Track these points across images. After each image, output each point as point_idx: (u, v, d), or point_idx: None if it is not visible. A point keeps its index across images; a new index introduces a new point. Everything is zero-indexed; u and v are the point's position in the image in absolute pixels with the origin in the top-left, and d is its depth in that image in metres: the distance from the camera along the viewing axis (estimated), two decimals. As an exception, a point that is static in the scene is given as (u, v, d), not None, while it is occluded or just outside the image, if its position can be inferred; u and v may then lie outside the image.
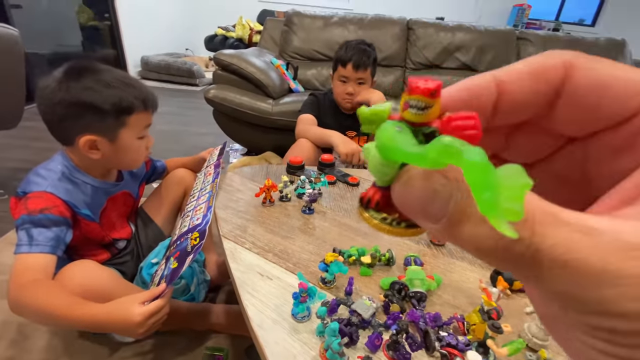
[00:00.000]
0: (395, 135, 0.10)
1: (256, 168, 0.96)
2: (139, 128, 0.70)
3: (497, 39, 2.20)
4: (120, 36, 3.62)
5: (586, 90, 0.10)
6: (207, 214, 0.63)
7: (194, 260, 0.89)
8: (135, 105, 0.67)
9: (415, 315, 0.46)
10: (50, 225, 0.60)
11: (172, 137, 2.25)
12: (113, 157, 0.69)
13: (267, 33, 2.22)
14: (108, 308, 0.54)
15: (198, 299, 0.87)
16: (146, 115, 0.70)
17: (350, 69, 1.19)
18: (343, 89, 1.24)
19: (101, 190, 0.74)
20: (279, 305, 0.49)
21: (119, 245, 0.82)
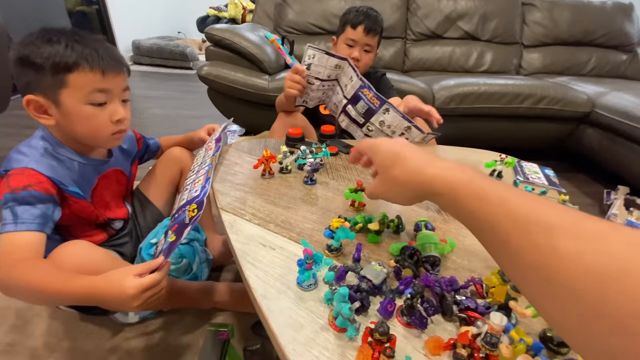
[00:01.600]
0: None
1: (254, 142, 0.92)
2: (85, 91, 0.59)
3: (501, 5, 2.10)
4: (110, 21, 3.50)
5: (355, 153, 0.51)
6: (205, 185, 0.59)
7: (195, 239, 0.87)
8: (75, 62, 0.56)
9: (430, 279, 0.43)
10: (35, 202, 0.56)
11: (167, 121, 2.20)
12: (67, 125, 0.61)
13: (261, 8, 2.13)
14: (101, 280, 0.50)
15: (201, 277, 0.84)
16: (95, 76, 0.59)
17: (361, 32, 1.12)
18: (349, 52, 1.16)
19: (89, 167, 0.69)
20: (283, 275, 0.46)
21: (116, 226, 0.79)
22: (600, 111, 1.62)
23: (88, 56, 0.57)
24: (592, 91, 1.74)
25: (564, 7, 2.14)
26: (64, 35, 0.58)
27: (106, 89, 0.61)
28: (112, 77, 0.61)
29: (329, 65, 0.94)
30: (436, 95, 1.65)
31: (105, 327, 0.79)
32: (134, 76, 3.37)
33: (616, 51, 2.22)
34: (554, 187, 0.77)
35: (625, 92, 1.64)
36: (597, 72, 2.19)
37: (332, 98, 1.04)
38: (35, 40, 0.57)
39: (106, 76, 0.60)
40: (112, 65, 0.60)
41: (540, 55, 2.15)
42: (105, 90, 0.61)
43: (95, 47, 0.59)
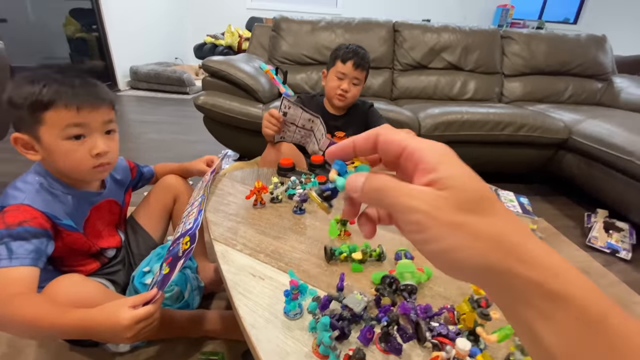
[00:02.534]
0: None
1: (247, 171, 0.96)
2: (60, 126, 0.61)
3: (482, 39, 2.24)
4: (109, 47, 3.61)
5: (383, 144, 0.22)
6: (197, 217, 0.63)
7: (187, 267, 0.89)
8: (50, 100, 0.59)
9: (407, 307, 0.46)
10: (29, 237, 0.59)
11: (163, 146, 2.25)
12: (49, 160, 0.64)
13: (256, 39, 2.24)
14: (96, 312, 0.53)
15: (192, 305, 0.86)
16: (69, 113, 0.60)
17: (350, 67, 1.22)
18: (338, 84, 1.25)
19: (83, 199, 0.72)
20: (271, 305, 0.50)
21: (108, 254, 0.81)
22: (577, 138, 1.72)
23: (63, 94, 0.60)
24: (569, 119, 1.84)
25: (540, 40, 2.30)
26: (47, 76, 0.61)
27: (81, 123, 0.62)
28: (88, 112, 0.62)
29: (303, 117, 1.03)
30: (422, 123, 1.74)
31: (95, 357, 0.80)
32: (131, 101, 3.44)
33: (592, 80, 2.37)
34: (527, 215, 0.82)
35: (601, 120, 1.74)
36: (575, 99, 2.32)
37: (309, 144, 1.12)
38: (20, 82, 0.60)
39: (81, 112, 0.62)
40: (88, 101, 0.62)
41: (521, 84, 2.28)
42: (81, 124, 0.62)
43: (73, 84, 0.61)
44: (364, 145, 0.23)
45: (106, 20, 3.50)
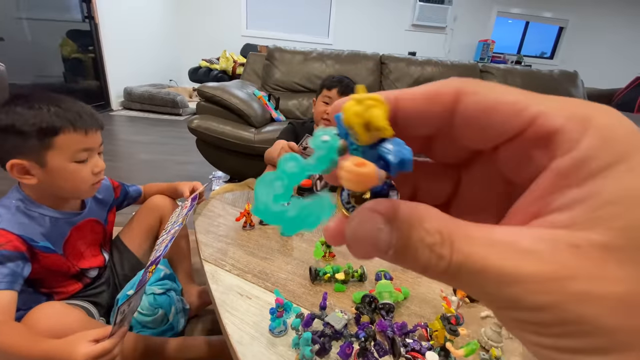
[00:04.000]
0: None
1: (237, 194, 1.00)
2: (70, 151, 0.65)
3: (463, 72, 2.39)
4: (104, 68, 3.68)
5: (475, 112, 0.11)
6: (168, 244, 0.63)
7: (172, 289, 0.88)
8: (60, 126, 0.63)
9: (384, 324, 0.50)
10: (4, 261, 0.60)
11: (154, 166, 2.27)
12: (50, 183, 0.66)
13: (250, 67, 2.34)
14: (58, 344, 0.53)
15: (177, 327, 0.86)
16: (78, 137, 0.65)
17: (335, 92, 1.33)
18: (324, 108, 1.34)
19: (62, 220, 0.72)
20: (257, 322, 0.52)
21: (90, 275, 0.80)
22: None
23: (72, 119, 0.64)
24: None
25: (516, 75, 2.47)
26: (42, 101, 0.64)
27: (88, 148, 0.68)
28: (92, 135, 0.68)
29: None
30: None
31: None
32: (123, 121, 3.47)
33: (564, 112, 2.53)
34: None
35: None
36: (550, 130, 2.47)
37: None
38: (16, 109, 0.61)
39: (88, 135, 0.67)
40: (92, 125, 0.67)
41: (499, 115, 2.42)
42: (88, 149, 0.68)
43: (76, 110, 0.66)
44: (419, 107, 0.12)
45: (103, 41, 3.59)
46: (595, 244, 0.09)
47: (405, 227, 0.10)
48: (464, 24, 5.24)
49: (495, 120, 0.11)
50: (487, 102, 0.11)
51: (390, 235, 0.11)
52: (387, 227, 0.11)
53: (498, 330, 0.50)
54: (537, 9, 5.44)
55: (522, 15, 5.56)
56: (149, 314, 0.80)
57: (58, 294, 0.74)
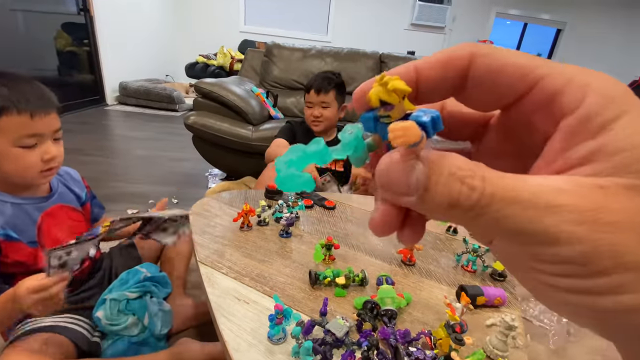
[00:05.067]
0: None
1: (234, 193, 0.98)
2: (13, 135, 0.61)
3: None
4: (99, 62, 3.62)
5: (485, 73, 0.12)
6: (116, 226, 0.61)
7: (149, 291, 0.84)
8: (2, 107, 0.59)
9: (386, 332, 0.48)
10: None
11: (148, 163, 2.23)
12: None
13: (248, 63, 2.31)
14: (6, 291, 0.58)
15: (153, 330, 0.82)
16: (23, 120, 0.60)
17: (313, 94, 1.31)
18: (310, 112, 1.34)
19: (27, 206, 0.69)
20: (255, 329, 0.50)
21: None
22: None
23: (15, 100, 0.59)
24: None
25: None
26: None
27: (36, 134, 0.63)
28: (41, 119, 0.62)
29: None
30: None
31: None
32: (118, 116, 3.42)
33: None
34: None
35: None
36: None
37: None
38: None
39: (35, 119, 0.61)
40: (40, 107, 0.62)
41: (498, 116, 2.42)
42: (35, 134, 0.63)
43: (24, 90, 0.61)
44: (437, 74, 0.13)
45: (98, 35, 3.53)
46: (620, 185, 0.09)
47: (437, 164, 0.11)
48: (462, 25, 5.24)
49: (503, 81, 0.12)
50: (497, 64, 0.12)
51: (424, 172, 0.11)
52: (420, 165, 0.11)
53: (504, 339, 0.48)
54: (535, 11, 5.45)
55: (520, 17, 5.57)
56: (117, 322, 0.76)
57: None
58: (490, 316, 0.55)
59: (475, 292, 0.59)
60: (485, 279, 0.70)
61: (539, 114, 0.12)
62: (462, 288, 0.60)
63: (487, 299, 0.59)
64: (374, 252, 0.74)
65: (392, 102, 0.12)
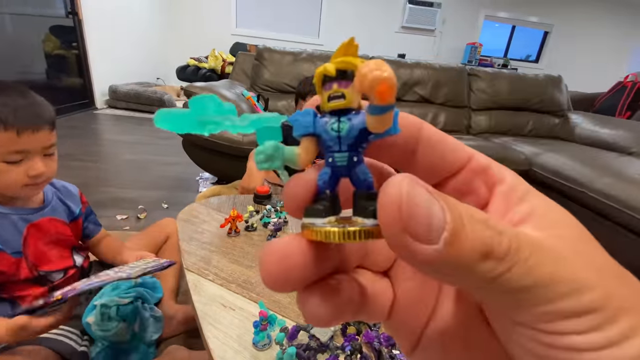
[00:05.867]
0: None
1: (223, 199, 0.98)
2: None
3: (451, 75, 2.42)
4: (88, 65, 3.58)
5: (434, 141, 0.13)
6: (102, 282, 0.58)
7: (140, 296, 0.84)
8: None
9: (370, 336, 0.49)
10: None
11: (138, 167, 2.21)
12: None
13: (239, 66, 2.31)
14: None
15: (144, 337, 0.82)
16: (8, 136, 0.59)
17: None
18: None
19: (14, 216, 0.68)
20: (240, 335, 0.51)
21: (54, 278, 0.75)
22: (536, 170, 1.86)
23: (3, 116, 0.58)
24: (529, 151, 1.99)
25: (503, 78, 2.51)
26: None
27: (22, 150, 0.61)
28: (29, 136, 0.61)
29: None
30: (396, 151, 1.83)
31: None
32: (108, 120, 3.39)
33: (550, 116, 2.59)
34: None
35: (557, 153, 1.90)
36: (535, 133, 2.52)
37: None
38: None
39: (21, 135, 0.60)
40: (29, 123, 0.60)
41: (486, 118, 2.45)
42: (21, 151, 0.61)
43: (14, 105, 0.59)
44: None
45: (87, 38, 3.50)
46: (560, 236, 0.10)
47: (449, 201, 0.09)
48: (452, 27, 5.31)
49: (448, 149, 0.13)
50: (440, 135, 0.13)
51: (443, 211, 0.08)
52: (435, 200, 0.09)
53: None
54: (523, 14, 5.55)
55: (508, 20, 5.66)
56: (107, 328, 0.75)
57: (21, 299, 0.69)
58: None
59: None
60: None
61: (477, 181, 0.13)
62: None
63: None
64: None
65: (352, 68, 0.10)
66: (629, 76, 3.03)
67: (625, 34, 5.60)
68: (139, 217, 1.56)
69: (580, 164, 1.72)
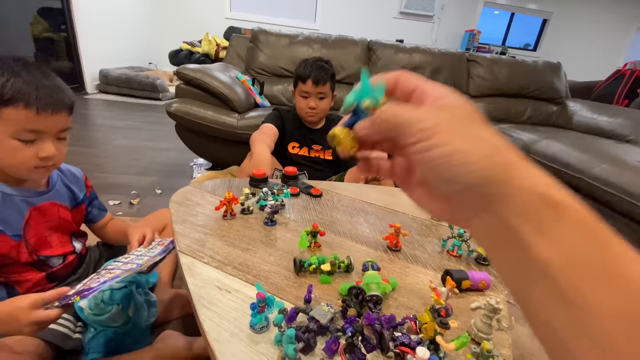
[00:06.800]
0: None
1: (217, 181, 0.95)
2: (14, 127, 0.58)
3: (450, 61, 2.38)
4: (78, 48, 3.47)
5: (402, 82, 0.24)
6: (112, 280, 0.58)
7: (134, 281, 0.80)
8: (9, 98, 0.56)
9: (371, 317, 0.47)
10: None
11: (130, 153, 2.16)
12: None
13: (233, 49, 2.24)
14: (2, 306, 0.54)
15: (139, 322, 0.80)
16: (28, 115, 0.58)
17: (310, 85, 1.25)
18: (305, 103, 1.28)
19: (18, 198, 0.66)
20: (237, 318, 0.49)
21: (52, 263, 0.73)
22: (534, 156, 1.85)
23: (25, 94, 0.57)
24: (527, 138, 1.98)
25: (502, 65, 2.47)
26: (8, 67, 0.58)
27: (37, 130, 0.60)
28: (47, 117, 0.60)
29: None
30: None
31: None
32: (99, 105, 3.30)
33: (548, 103, 2.57)
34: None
35: (555, 140, 1.89)
36: (533, 120, 2.50)
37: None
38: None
39: (40, 115, 0.59)
40: (49, 106, 0.60)
41: (485, 104, 2.43)
42: (36, 130, 0.60)
43: (38, 85, 0.58)
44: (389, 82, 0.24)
45: (76, 20, 3.38)
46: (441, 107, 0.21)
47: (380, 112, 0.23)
48: (451, 14, 5.22)
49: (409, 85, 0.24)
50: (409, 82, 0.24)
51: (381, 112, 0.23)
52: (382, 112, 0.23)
53: (488, 322, 0.48)
54: (522, 1, 5.47)
55: (507, 7, 5.58)
56: (101, 313, 0.72)
57: (18, 284, 0.68)
58: (475, 300, 0.55)
59: (460, 276, 0.58)
60: (470, 263, 0.70)
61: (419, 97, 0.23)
62: (448, 272, 0.60)
63: (472, 283, 0.59)
64: (360, 239, 0.73)
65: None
66: (627, 64, 3.01)
67: (624, 22, 5.55)
68: (132, 202, 1.53)
69: (578, 151, 1.71)
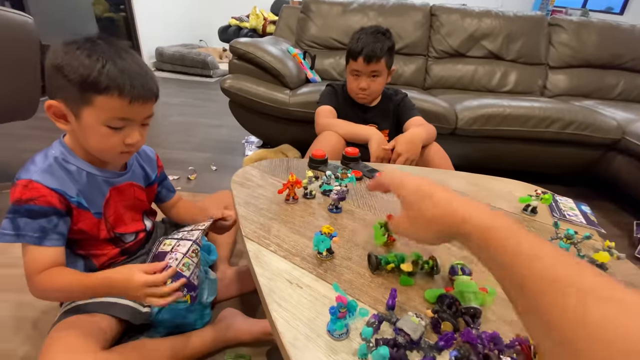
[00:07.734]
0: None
1: (276, 162, 0.90)
2: (107, 114, 0.59)
3: (526, 26, 2.06)
4: (135, 27, 3.60)
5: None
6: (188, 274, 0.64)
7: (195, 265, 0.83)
8: (105, 87, 0.56)
9: (472, 336, 0.39)
10: (35, 216, 0.58)
11: (185, 129, 2.22)
12: (78, 135, 0.62)
13: (283, 21, 2.15)
14: (114, 272, 0.62)
15: (200, 299, 0.81)
16: (121, 103, 0.58)
17: (362, 63, 1.10)
18: (356, 84, 1.16)
19: (100, 178, 0.69)
20: (311, 319, 0.44)
21: (127, 239, 0.76)
22: (630, 139, 1.56)
23: (120, 84, 0.57)
24: (621, 117, 1.68)
25: (592, 29, 2.09)
26: (104, 53, 0.57)
27: (127, 118, 0.61)
28: (137, 106, 0.60)
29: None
30: (459, 115, 1.62)
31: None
32: (155, 82, 3.44)
33: (646, 76, 2.15)
34: (592, 226, 0.72)
35: (658, 120, 1.57)
36: (625, 96, 2.12)
37: None
38: (75, 52, 0.56)
39: (132, 105, 0.59)
40: (141, 96, 0.60)
41: (566, 77, 2.10)
42: (126, 119, 0.61)
43: (132, 74, 0.58)
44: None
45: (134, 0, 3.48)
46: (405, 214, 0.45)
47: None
48: (522, -28, 4.56)
49: None
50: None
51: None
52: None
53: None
54: (616, -49, 4.59)
55: (595, -41, 4.73)
56: None
57: (95, 257, 0.71)
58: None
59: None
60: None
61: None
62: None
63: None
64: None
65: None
66: None
67: None
68: (189, 178, 1.57)
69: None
